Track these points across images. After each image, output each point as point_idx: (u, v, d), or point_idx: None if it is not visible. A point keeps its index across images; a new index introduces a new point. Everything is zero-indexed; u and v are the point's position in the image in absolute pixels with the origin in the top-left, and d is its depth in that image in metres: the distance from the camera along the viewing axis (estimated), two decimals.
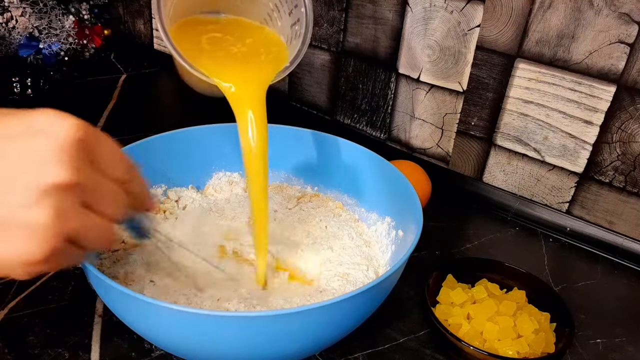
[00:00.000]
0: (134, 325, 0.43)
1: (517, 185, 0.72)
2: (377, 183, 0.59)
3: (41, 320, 0.50)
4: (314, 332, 0.41)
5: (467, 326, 0.50)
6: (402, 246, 0.51)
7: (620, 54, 0.59)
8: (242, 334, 0.39)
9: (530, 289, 0.54)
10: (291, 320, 0.38)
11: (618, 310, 0.57)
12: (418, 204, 0.50)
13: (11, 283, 0.53)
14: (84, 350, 0.47)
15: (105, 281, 0.38)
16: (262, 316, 0.38)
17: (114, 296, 0.40)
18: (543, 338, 0.48)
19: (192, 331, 0.39)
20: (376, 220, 0.59)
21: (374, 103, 0.82)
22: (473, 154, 0.74)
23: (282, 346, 0.41)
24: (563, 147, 0.66)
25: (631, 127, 0.61)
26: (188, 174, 0.62)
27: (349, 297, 0.39)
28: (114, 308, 0.43)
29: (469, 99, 0.72)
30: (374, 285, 0.40)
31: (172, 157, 0.60)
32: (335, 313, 0.40)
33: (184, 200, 0.61)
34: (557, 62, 0.63)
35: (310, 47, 0.86)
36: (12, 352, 0.47)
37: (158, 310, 0.37)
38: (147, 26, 1.15)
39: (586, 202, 0.67)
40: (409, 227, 0.51)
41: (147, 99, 1.03)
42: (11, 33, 1.00)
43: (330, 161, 0.63)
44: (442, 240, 0.65)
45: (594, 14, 0.59)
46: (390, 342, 0.51)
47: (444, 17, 0.70)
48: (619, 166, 0.63)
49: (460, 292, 0.53)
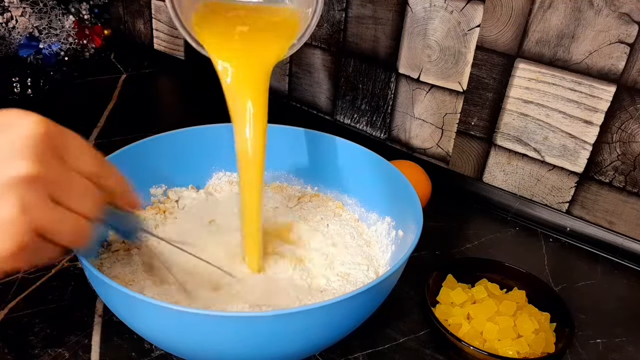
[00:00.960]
0: (134, 325, 0.43)
1: (517, 185, 0.72)
2: (377, 183, 0.59)
3: (41, 320, 0.50)
4: (314, 332, 0.41)
5: (467, 326, 0.50)
6: (402, 246, 0.51)
7: (620, 54, 0.59)
8: (242, 334, 0.39)
9: (530, 289, 0.54)
10: (291, 321, 0.38)
11: (618, 310, 0.57)
12: (418, 203, 0.50)
13: (11, 283, 0.53)
14: (84, 350, 0.47)
15: (105, 281, 0.38)
16: (262, 316, 0.38)
17: (114, 296, 0.40)
18: (543, 338, 0.48)
19: (192, 331, 0.39)
20: (376, 220, 0.59)
21: (374, 103, 0.82)
22: (473, 154, 0.74)
23: (282, 346, 0.41)
24: (563, 147, 0.66)
25: (631, 127, 0.61)
26: (188, 174, 0.62)
27: (349, 297, 0.39)
28: (114, 308, 0.43)
29: (469, 99, 0.72)
30: (373, 285, 0.40)
31: (172, 157, 0.60)
32: (335, 313, 0.40)
33: (184, 200, 0.61)
34: (557, 62, 0.63)
35: (310, 47, 0.86)
36: (12, 352, 0.47)
37: (158, 311, 0.37)
38: (147, 26, 1.15)
39: (586, 202, 0.67)
40: (409, 227, 0.51)
41: (147, 99, 1.03)
42: (11, 33, 1.00)
43: (330, 161, 0.63)
44: (442, 240, 0.65)
45: (594, 14, 0.59)
46: (390, 342, 0.51)
47: (444, 17, 0.70)
48: (619, 166, 0.63)
49: (460, 292, 0.53)
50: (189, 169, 0.62)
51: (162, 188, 0.61)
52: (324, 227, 0.59)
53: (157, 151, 0.59)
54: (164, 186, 0.61)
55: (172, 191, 0.61)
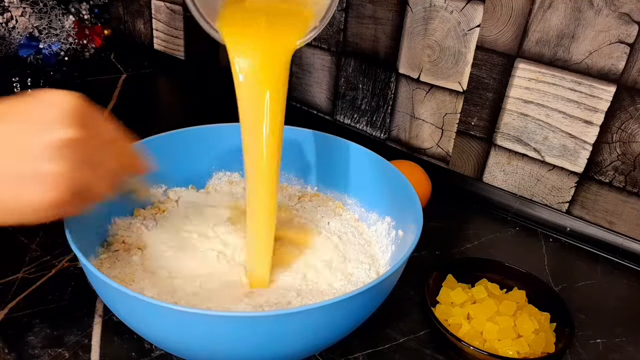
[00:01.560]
0: (134, 325, 0.43)
1: (517, 185, 0.72)
2: (377, 183, 0.59)
3: (41, 320, 0.50)
4: (314, 332, 0.41)
5: (467, 326, 0.50)
6: (402, 246, 0.51)
7: (620, 54, 0.59)
8: (242, 333, 0.39)
9: (530, 289, 0.54)
10: (291, 321, 0.38)
11: (618, 310, 0.57)
12: (418, 203, 0.50)
13: (11, 283, 0.53)
14: (84, 350, 0.47)
15: (105, 281, 0.38)
16: (262, 316, 0.38)
17: (114, 296, 0.40)
18: (543, 338, 0.48)
19: (192, 331, 0.39)
20: (376, 220, 0.59)
21: (374, 103, 0.82)
22: (473, 154, 0.74)
23: (282, 346, 0.41)
24: (563, 147, 0.66)
25: (631, 127, 0.61)
26: (188, 174, 0.62)
27: (349, 297, 0.39)
28: (114, 308, 0.43)
29: (469, 99, 0.72)
30: (373, 285, 0.40)
31: (172, 157, 0.60)
32: (335, 313, 0.40)
33: (183, 200, 0.61)
34: (557, 62, 0.63)
35: (310, 47, 0.86)
36: (12, 352, 0.47)
37: (158, 310, 0.37)
38: (147, 26, 1.15)
39: (586, 202, 0.67)
40: (409, 226, 0.51)
41: (147, 99, 1.03)
42: (11, 33, 1.00)
43: (330, 161, 0.63)
44: (442, 240, 0.65)
45: (594, 14, 0.59)
46: (390, 342, 0.51)
47: (444, 17, 0.70)
48: (619, 166, 0.63)
49: (460, 292, 0.53)
50: (189, 169, 0.62)
51: (162, 188, 0.61)
52: (326, 222, 0.59)
53: (157, 151, 0.58)
54: (164, 186, 0.61)
55: (172, 191, 0.61)
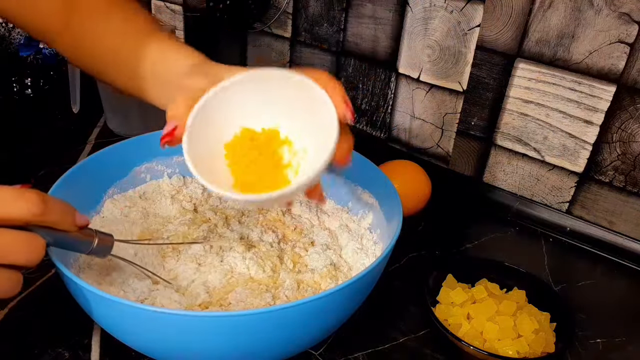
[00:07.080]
0: (123, 336, 0.43)
1: (517, 185, 0.72)
2: (356, 180, 0.58)
3: (41, 320, 0.50)
4: (298, 328, 0.42)
5: (467, 326, 0.50)
6: (386, 241, 0.51)
7: (620, 53, 0.59)
8: (223, 332, 0.39)
9: (530, 289, 0.54)
10: (274, 317, 0.38)
11: (618, 310, 0.57)
12: (397, 196, 0.50)
13: None
14: (84, 350, 0.47)
15: (77, 282, 0.38)
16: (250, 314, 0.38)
17: (85, 295, 0.40)
18: (543, 338, 0.48)
19: (177, 333, 0.39)
20: (360, 217, 0.58)
21: (374, 103, 0.82)
22: (473, 154, 0.74)
23: (273, 342, 0.41)
24: (563, 147, 0.66)
25: (631, 126, 0.61)
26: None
27: (329, 293, 0.39)
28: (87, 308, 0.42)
29: (469, 98, 0.72)
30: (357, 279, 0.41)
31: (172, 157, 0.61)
32: (319, 310, 0.41)
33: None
34: (557, 61, 0.63)
35: (310, 47, 0.86)
36: (12, 352, 0.47)
37: (137, 314, 0.38)
38: None
39: (586, 202, 0.67)
40: (392, 220, 0.50)
41: None
42: (11, 33, 1.00)
43: None
44: (442, 240, 0.65)
45: (594, 13, 0.59)
46: (390, 342, 0.51)
47: (444, 17, 0.70)
48: (619, 166, 0.63)
49: (460, 292, 0.53)
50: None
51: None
52: (314, 212, 0.59)
53: (156, 150, 0.59)
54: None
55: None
